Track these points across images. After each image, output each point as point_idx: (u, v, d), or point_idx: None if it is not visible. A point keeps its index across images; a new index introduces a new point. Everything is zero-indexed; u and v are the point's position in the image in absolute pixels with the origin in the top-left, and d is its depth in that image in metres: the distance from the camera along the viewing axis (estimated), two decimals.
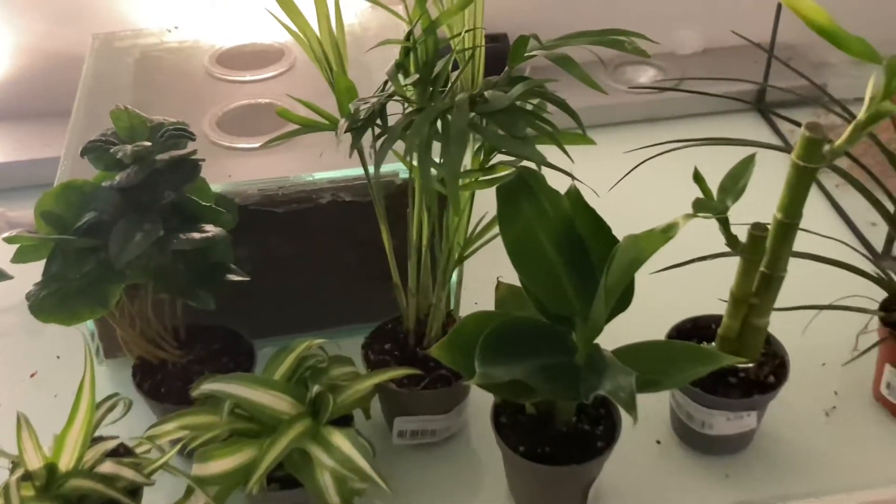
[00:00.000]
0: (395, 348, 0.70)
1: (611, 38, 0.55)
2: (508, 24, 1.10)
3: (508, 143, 0.51)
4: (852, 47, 0.56)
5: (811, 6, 0.55)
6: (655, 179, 0.81)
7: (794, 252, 0.69)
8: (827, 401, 0.75)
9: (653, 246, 0.58)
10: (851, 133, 0.58)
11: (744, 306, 0.65)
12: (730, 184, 0.62)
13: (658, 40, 1.16)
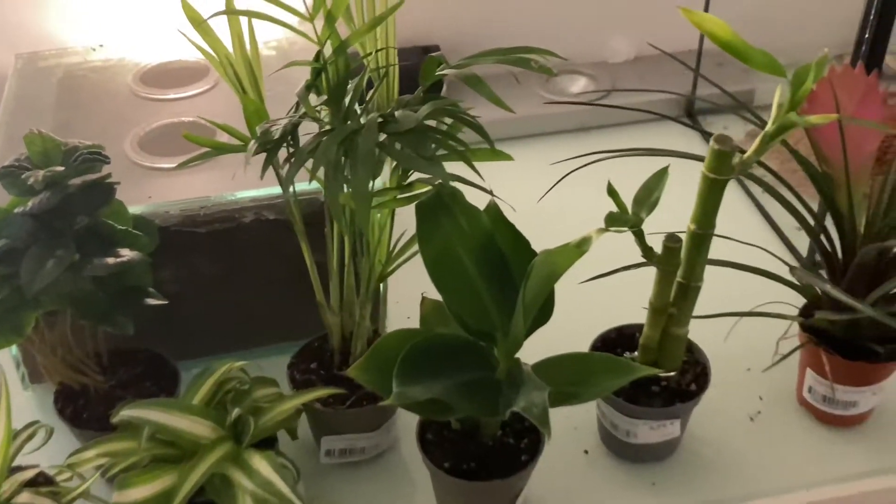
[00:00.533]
0: (320, 367, 0.70)
1: (517, 56, 0.55)
2: (442, 37, 1.11)
3: (416, 164, 0.51)
4: (756, 60, 0.57)
5: (714, 21, 0.56)
6: (583, 190, 0.81)
7: (714, 260, 0.70)
8: (752, 405, 0.76)
9: (567, 261, 0.58)
10: (760, 144, 0.59)
11: (663, 316, 0.66)
12: (644, 196, 0.63)
13: (590, 49, 1.18)
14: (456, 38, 1.11)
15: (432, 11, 1.09)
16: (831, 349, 0.69)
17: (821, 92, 0.67)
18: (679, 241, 0.62)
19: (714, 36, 0.56)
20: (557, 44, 1.16)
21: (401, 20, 1.09)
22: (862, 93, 0.67)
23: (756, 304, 0.72)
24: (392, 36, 0.61)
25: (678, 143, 1.10)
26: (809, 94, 0.67)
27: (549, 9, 1.13)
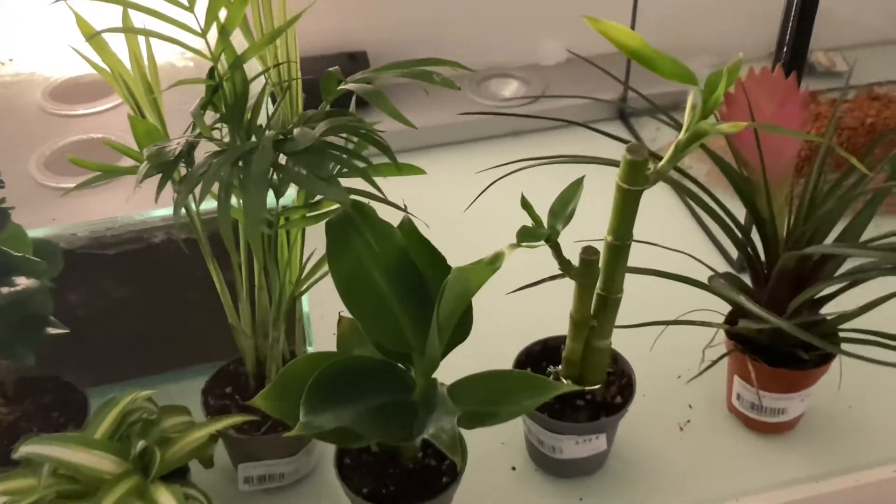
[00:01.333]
0: (235, 392, 0.67)
1: (420, 70, 0.53)
2: (370, 42, 1.09)
3: (312, 185, 0.49)
4: (664, 69, 0.55)
5: (620, 30, 0.55)
6: (512, 197, 0.79)
7: (637, 268, 0.69)
8: (682, 414, 0.75)
9: (480, 278, 0.57)
10: (673, 154, 0.57)
11: (584, 329, 0.64)
12: (560, 208, 0.61)
13: (522, 52, 1.17)
14: (384, 42, 1.09)
15: (359, 16, 1.07)
16: (757, 356, 0.68)
17: (740, 95, 0.66)
18: (597, 253, 0.61)
19: (621, 44, 0.54)
20: (489, 47, 1.15)
21: (326, 25, 1.08)
22: (782, 95, 0.66)
23: (684, 311, 0.71)
24: (294, 48, 0.59)
25: (611, 147, 1.10)
26: (728, 97, 0.67)
27: (481, 12, 1.11)
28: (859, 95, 1.13)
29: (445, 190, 1.00)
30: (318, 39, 1.06)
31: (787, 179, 0.67)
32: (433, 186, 1.01)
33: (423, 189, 1.02)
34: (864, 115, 1.00)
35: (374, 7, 1.07)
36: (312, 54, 1.06)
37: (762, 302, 0.69)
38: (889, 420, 0.74)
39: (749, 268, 0.69)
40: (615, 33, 0.54)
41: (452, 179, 0.93)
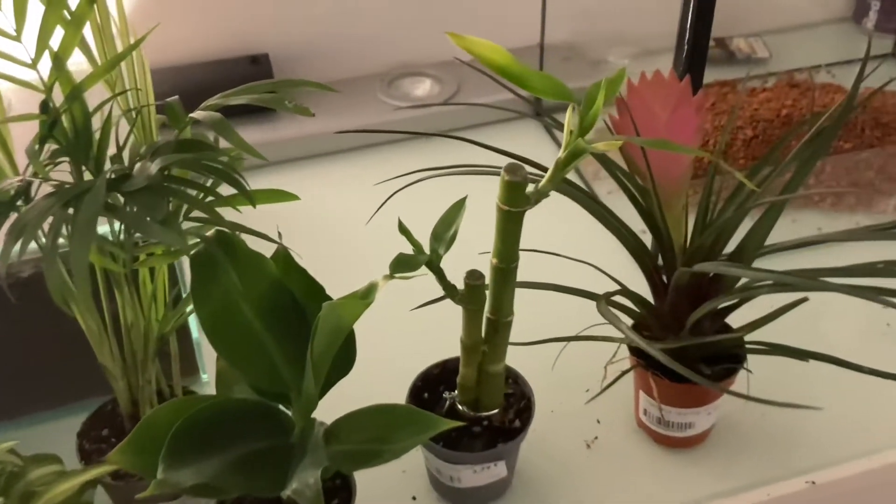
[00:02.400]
0: (112, 434, 0.64)
1: (272, 95, 0.50)
2: (272, 44, 1.04)
3: (146, 228, 0.45)
4: (537, 86, 0.52)
5: (486, 46, 0.51)
6: (421, 204, 0.75)
7: (533, 283, 0.67)
8: (589, 431, 0.72)
9: (353, 313, 0.53)
10: (553, 173, 0.55)
11: (476, 354, 0.61)
12: (442, 230, 0.58)
13: (435, 48, 1.13)
14: (287, 43, 1.05)
15: (260, 17, 1.03)
16: (659, 372, 0.65)
17: (633, 101, 0.63)
18: (481, 277, 0.58)
19: (487, 61, 0.51)
20: (400, 44, 1.11)
21: (226, 27, 1.04)
22: (675, 100, 0.63)
23: (591, 324, 0.68)
24: (146, 73, 0.55)
25: (529, 143, 1.07)
26: (620, 104, 0.64)
27: (389, 8, 1.07)
28: (779, 83, 1.11)
29: (352, 199, 0.97)
30: (217, 43, 1.02)
31: (682, 188, 0.64)
32: (340, 196, 0.98)
33: (329, 199, 0.99)
34: (780, 105, 0.98)
35: (276, 7, 1.03)
36: (212, 58, 1.02)
37: (663, 316, 0.66)
38: (801, 428, 0.72)
39: (648, 281, 0.67)
40: (480, 49, 0.51)
41: (360, 187, 0.90)
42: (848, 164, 0.94)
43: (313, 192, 0.99)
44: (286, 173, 1.01)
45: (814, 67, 1.16)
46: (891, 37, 1.21)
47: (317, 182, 1.00)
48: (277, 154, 1.01)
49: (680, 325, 0.64)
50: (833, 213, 0.92)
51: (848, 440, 0.71)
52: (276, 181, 0.99)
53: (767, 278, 0.55)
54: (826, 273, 0.57)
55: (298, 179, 1.00)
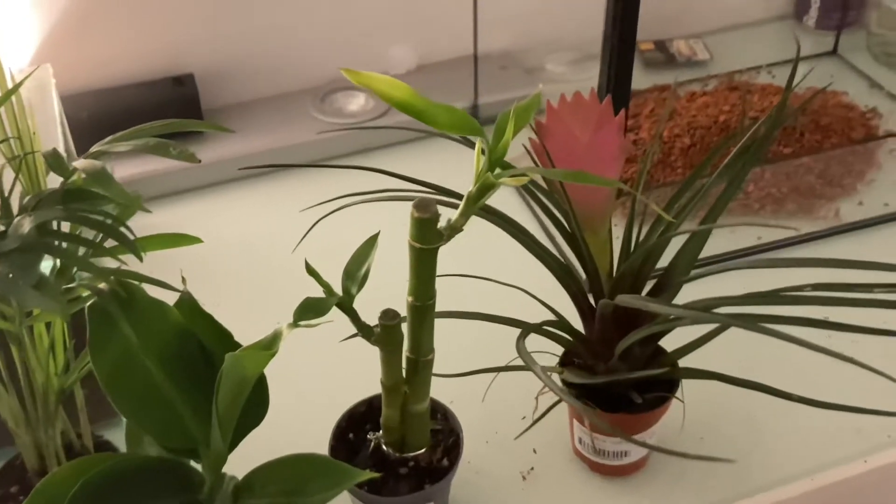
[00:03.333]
0: (22, 491, 0.61)
1: (157, 142, 0.47)
2: (198, 64, 1.01)
3: (20, 293, 0.42)
4: (440, 120, 0.50)
5: (384, 80, 0.49)
6: (356, 225, 0.71)
7: (459, 313, 0.64)
8: (525, 461, 0.70)
9: (257, 364, 0.51)
10: (465, 207, 0.52)
11: (397, 395, 0.59)
12: (354, 268, 0.56)
13: (368, 61, 1.11)
14: (213, 62, 1.02)
15: (184, 36, 0.99)
16: (591, 401, 0.63)
17: (554, 124, 0.61)
18: (397, 316, 0.55)
19: (386, 96, 0.49)
20: (332, 59, 1.08)
21: (149, 48, 1.00)
22: (596, 121, 0.61)
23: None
24: (28, 118, 0.52)
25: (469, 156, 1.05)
26: (540, 127, 0.61)
27: (318, 21, 1.05)
28: (719, 86, 1.09)
29: (282, 223, 0.94)
30: (139, 64, 0.98)
31: (606, 213, 0.62)
32: (270, 219, 0.95)
33: (258, 223, 0.96)
34: (717, 111, 0.97)
35: (200, 25, 0.99)
36: (134, 81, 0.99)
37: (592, 343, 0.64)
38: (742, 450, 0.71)
39: (577, 308, 0.65)
40: (378, 85, 0.48)
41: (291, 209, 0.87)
42: (788, 170, 0.93)
43: (243, 214, 0.96)
44: (214, 197, 0.98)
45: (754, 68, 1.14)
46: (832, 34, 1.20)
47: (247, 204, 0.97)
48: (205, 177, 0.98)
49: (610, 353, 0.62)
50: (773, 221, 0.91)
51: (785, 463, 0.69)
52: (202, 207, 0.96)
53: (671, 312, 0.53)
54: (749, 298, 0.55)
55: (229, 202, 0.97)
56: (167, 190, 0.97)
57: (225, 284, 0.87)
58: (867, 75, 1.14)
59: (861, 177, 0.96)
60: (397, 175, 0.64)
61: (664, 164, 0.93)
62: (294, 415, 0.71)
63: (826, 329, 0.51)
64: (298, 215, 0.70)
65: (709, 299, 0.55)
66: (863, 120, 1.02)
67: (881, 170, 0.97)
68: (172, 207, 0.96)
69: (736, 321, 0.49)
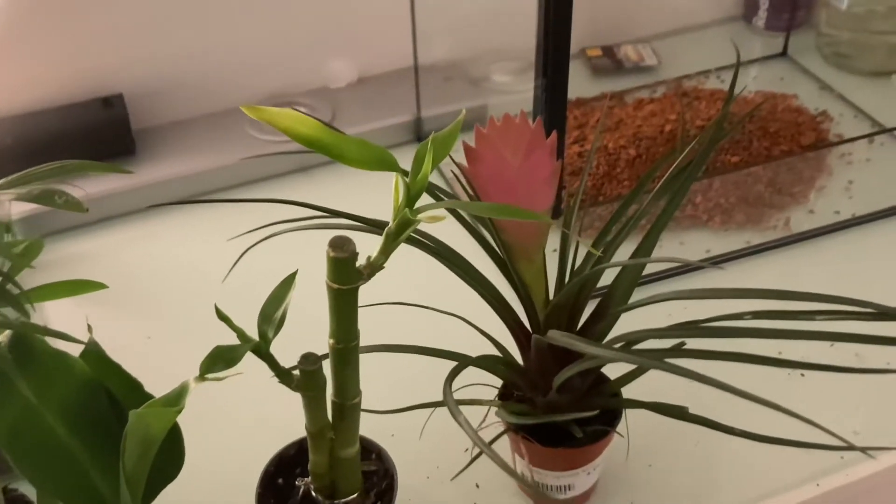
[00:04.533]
0: None
1: (41, 190, 0.43)
2: (126, 83, 0.97)
3: None
4: (353, 156, 0.47)
5: (290, 116, 0.45)
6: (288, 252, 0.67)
7: (391, 346, 0.62)
8: (467, 498, 0.67)
9: (162, 422, 0.48)
10: (385, 244, 0.49)
11: (324, 440, 0.56)
12: (271, 310, 0.53)
13: (307, 75, 1.07)
14: (143, 82, 0.98)
15: (112, 55, 0.95)
16: (529, 435, 0.61)
17: (483, 149, 0.58)
18: (317, 360, 0.53)
19: (293, 133, 0.45)
20: (267, 73, 1.05)
21: (77, 68, 0.96)
22: (527, 144, 0.59)
23: (465, 384, 0.63)
24: None
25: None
26: (470, 153, 0.59)
27: (255, 36, 1.01)
28: (667, 93, 1.07)
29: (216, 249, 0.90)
30: (66, 85, 0.94)
31: (539, 240, 0.59)
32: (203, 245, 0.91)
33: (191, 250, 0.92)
34: (664, 120, 0.94)
35: (129, 43, 0.96)
36: (58, 104, 0.95)
37: (530, 376, 0.62)
38: (691, 476, 0.68)
39: (515, 339, 0.62)
40: (281, 121, 0.45)
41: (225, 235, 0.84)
42: (737, 179, 0.91)
43: (173, 241, 0.92)
44: (146, 224, 0.94)
45: (703, 73, 1.12)
46: (781, 35, 1.18)
47: (175, 230, 0.93)
48: (135, 202, 0.94)
49: (548, 386, 0.60)
50: (722, 232, 0.89)
51: (736, 487, 0.67)
52: (132, 234, 0.92)
53: (594, 353, 0.50)
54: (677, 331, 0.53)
55: (163, 228, 0.93)
56: (89, 219, 0.94)
57: (148, 321, 0.84)
58: (817, 77, 1.12)
59: (811, 184, 0.94)
60: (317, 207, 0.60)
61: (610, 177, 0.90)
62: (220, 460, 0.68)
63: (756, 364, 0.49)
64: (225, 245, 0.66)
65: (640, 331, 0.53)
66: (813, 124, 1.00)
67: (832, 176, 0.96)
68: (99, 234, 0.92)
69: (654, 363, 0.46)
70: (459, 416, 0.49)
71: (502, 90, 1.07)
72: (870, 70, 1.13)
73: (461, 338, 0.62)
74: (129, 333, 0.83)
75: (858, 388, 0.74)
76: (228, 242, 0.64)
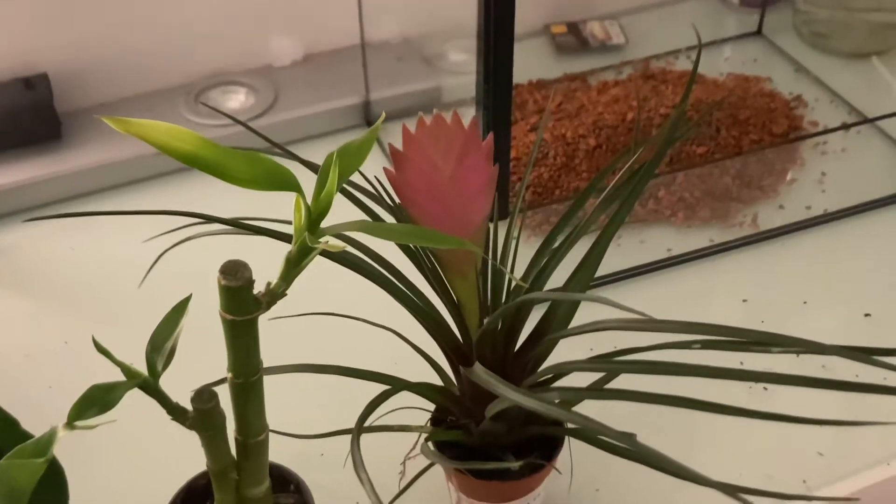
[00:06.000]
0: None
1: None
2: (50, 62, 0.90)
3: None
4: (244, 175, 0.41)
5: (168, 130, 0.39)
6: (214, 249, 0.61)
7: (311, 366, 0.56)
8: None
9: (29, 476, 0.42)
10: (286, 269, 0.44)
11: (228, 480, 0.50)
12: (161, 339, 0.47)
13: (248, 54, 1.00)
14: (69, 60, 0.91)
15: (35, 33, 0.88)
16: (462, 468, 0.55)
17: (412, 153, 0.52)
18: (213, 397, 0.47)
19: (170, 149, 0.39)
20: (207, 52, 0.98)
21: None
22: (460, 150, 0.52)
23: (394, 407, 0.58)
24: None
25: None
26: (397, 157, 0.52)
27: (193, 12, 0.94)
28: (633, 74, 1.01)
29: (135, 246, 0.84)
30: None
31: (473, 259, 0.53)
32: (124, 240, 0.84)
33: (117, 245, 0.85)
34: (627, 107, 0.88)
35: (53, 20, 0.88)
36: None
37: (463, 402, 0.56)
38: (640, 500, 0.64)
39: (448, 361, 0.57)
40: (156, 136, 0.39)
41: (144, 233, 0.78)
42: (702, 172, 0.85)
43: (101, 235, 0.86)
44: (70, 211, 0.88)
45: (672, 52, 1.06)
46: (757, 12, 1.12)
47: (104, 224, 0.87)
48: (62, 189, 0.88)
49: (482, 414, 0.54)
50: (685, 229, 0.84)
51: None
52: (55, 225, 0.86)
53: (513, 399, 0.45)
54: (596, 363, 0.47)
55: (88, 220, 0.87)
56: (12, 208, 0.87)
57: (73, 315, 0.78)
58: (793, 58, 1.06)
59: (782, 176, 0.89)
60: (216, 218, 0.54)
61: (568, 169, 0.84)
62: (121, 495, 0.63)
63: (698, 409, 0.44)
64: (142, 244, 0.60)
65: (570, 362, 0.48)
66: (786, 110, 0.94)
67: (804, 167, 0.90)
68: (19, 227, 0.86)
69: (572, 416, 0.41)
70: (363, 473, 0.44)
71: (458, 70, 1.00)
72: (848, 51, 1.07)
73: (396, 352, 0.56)
74: (46, 334, 0.77)
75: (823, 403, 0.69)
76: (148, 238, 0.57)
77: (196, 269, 0.58)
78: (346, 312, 0.59)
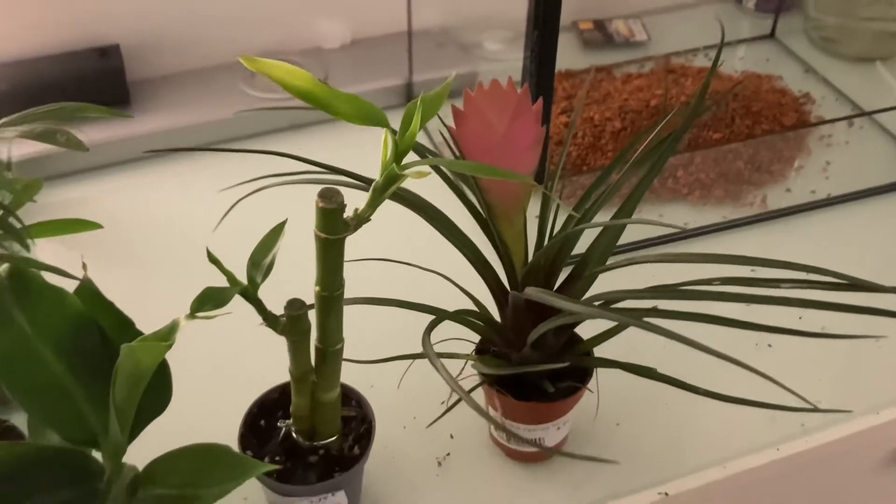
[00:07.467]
0: None
1: (41, 130, 0.45)
2: (122, 34, 0.98)
3: None
4: (344, 110, 0.49)
5: (283, 68, 0.47)
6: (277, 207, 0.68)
7: (371, 299, 0.63)
8: (442, 447, 0.70)
9: (152, 357, 0.50)
10: (372, 198, 0.52)
11: (306, 384, 0.58)
12: (260, 256, 0.55)
13: (300, 34, 1.09)
14: (140, 33, 0.99)
15: (109, 5, 0.96)
16: (503, 389, 0.63)
17: (471, 112, 0.60)
18: (303, 306, 0.55)
19: (287, 86, 0.47)
20: (262, 31, 1.06)
21: (71, 17, 0.97)
22: (513, 110, 0.60)
23: (443, 338, 0.66)
24: None
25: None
26: (457, 115, 0.61)
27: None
28: (655, 68, 1.09)
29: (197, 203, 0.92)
30: (61, 33, 0.95)
31: (520, 202, 0.61)
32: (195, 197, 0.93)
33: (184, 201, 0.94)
34: (650, 95, 0.96)
35: None
36: (55, 51, 0.96)
37: (505, 332, 0.64)
38: (654, 440, 0.71)
39: (493, 296, 0.65)
40: (276, 73, 0.47)
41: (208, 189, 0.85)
42: (717, 155, 0.93)
43: (163, 193, 0.94)
44: (139, 172, 0.96)
45: (691, 51, 1.14)
46: (770, 17, 1.20)
47: (165, 182, 0.95)
48: (129, 151, 0.96)
49: (522, 342, 0.62)
50: (701, 206, 0.91)
51: (699, 450, 0.70)
52: (126, 182, 0.94)
53: (571, 308, 0.53)
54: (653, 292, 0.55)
55: (149, 178, 0.95)
56: (85, 165, 0.95)
57: (139, 267, 0.86)
58: (803, 60, 1.14)
59: (790, 163, 0.97)
60: (309, 160, 0.62)
61: (595, 148, 0.92)
62: (204, 402, 0.70)
63: (727, 326, 0.51)
64: (216, 196, 0.68)
65: (616, 292, 0.55)
66: (795, 105, 1.02)
67: (810, 156, 0.98)
68: (92, 181, 0.94)
69: (629, 320, 0.48)
70: (437, 362, 0.52)
71: (493, 58, 1.09)
72: (855, 55, 1.15)
73: (442, 294, 0.64)
74: (119, 278, 0.85)
75: (823, 362, 0.77)
76: (220, 194, 0.65)
77: (255, 220, 0.64)
78: (398, 258, 0.67)
